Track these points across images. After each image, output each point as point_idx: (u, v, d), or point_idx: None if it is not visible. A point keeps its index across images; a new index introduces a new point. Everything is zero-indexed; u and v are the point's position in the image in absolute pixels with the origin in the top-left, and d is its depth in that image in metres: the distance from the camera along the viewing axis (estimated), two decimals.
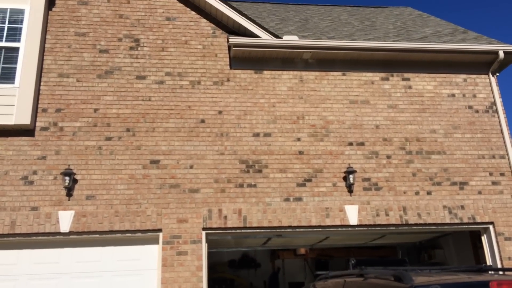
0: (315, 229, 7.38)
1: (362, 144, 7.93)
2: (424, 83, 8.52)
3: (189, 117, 7.69)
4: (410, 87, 8.46)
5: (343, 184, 7.62)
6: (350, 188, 7.57)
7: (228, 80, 8.05)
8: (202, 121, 7.70)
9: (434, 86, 8.53)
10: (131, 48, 7.96)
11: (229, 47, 8.17)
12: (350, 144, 7.90)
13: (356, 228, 7.43)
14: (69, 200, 6.86)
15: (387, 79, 8.46)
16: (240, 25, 8.22)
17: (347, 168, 7.58)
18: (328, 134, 7.93)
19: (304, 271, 13.16)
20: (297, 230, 7.35)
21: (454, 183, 7.87)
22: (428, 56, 8.50)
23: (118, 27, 8.06)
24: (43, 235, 6.65)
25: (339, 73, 8.40)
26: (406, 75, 8.53)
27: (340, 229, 7.40)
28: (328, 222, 7.33)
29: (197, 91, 7.89)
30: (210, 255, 7.75)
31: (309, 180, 7.57)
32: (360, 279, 3.98)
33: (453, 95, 8.51)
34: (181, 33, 8.24)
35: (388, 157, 7.91)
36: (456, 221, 7.62)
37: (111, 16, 8.11)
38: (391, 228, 7.58)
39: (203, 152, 7.52)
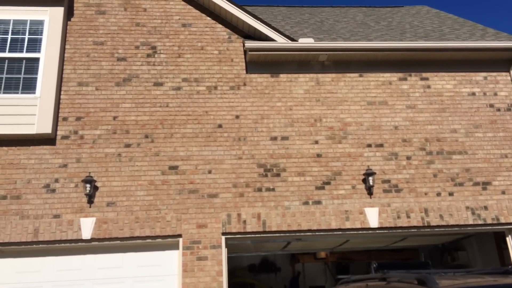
0: (335, 232, 7.31)
1: (381, 145, 7.84)
2: (443, 82, 8.39)
3: (207, 122, 7.72)
4: (429, 86, 8.34)
5: (362, 186, 7.53)
6: (369, 191, 7.49)
7: (245, 85, 8.06)
8: (220, 126, 7.72)
9: (453, 85, 8.39)
10: (148, 56, 8.04)
11: (245, 52, 8.19)
12: (369, 145, 7.82)
13: (377, 231, 7.34)
14: (90, 207, 6.95)
15: (405, 79, 8.36)
16: (255, 29, 8.24)
17: (366, 170, 7.50)
18: (346, 136, 7.87)
19: (325, 275, 13.04)
20: (316, 233, 7.29)
21: (476, 183, 7.72)
22: (446, 54, 8.37)
23: (135, 35, 8.16)
24: (66, 242, 6.75)
25: (356, 74, 8.33)
26: (424, 74, 8.41)
27: (360, 232, 7.32)
28: (348, 225, 7.25)
29: (214, 96, 7.92)
30: (229, 259, 7.74)
31: (328, 183, 7.52)
32: (383, 283, 3.92)
33: (473, 93, 8.35)
34: (197, 39, 8.30)
35: (408, 158, 7.80)
36: (480, 222, 7.46)
37: (128, 25, 8.22)
38: (413, 230, 7.46)
39: (221, 157, 7.53)
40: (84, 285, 6.71)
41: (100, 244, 6.85)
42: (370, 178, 7.39)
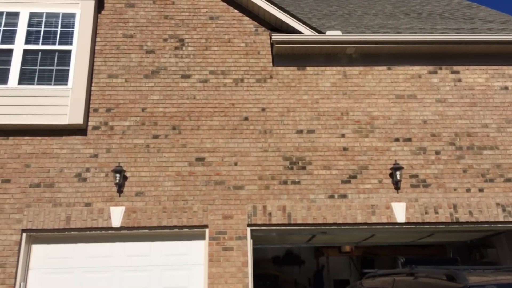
0: (360, 227, 7.28)
1: (409, 140, 7.73)
2: (474, 76, 8.19)
3: (233, 115, 7.77)
4: (459, 80, 8.15)
5: (389, 181, 7.46)
6: (397, 185, 7.41)
7: (271, 77, 8.06)
8: (246, 118, 7.76)
9: (485, 78, 8.18)
10: (176, 48, 8.13)
11: (272, 44, 8.18)
12: (397, 140, 7.72)
13: (404, 226, 7.26)
14: (119, 196, 7.12)
15: (435, 72, 8.20)
16: (282, 21, 8.21)
17: (394, 164, 7.42)
18: (373, 130, 7.79)
19: (349, 269, 13.00)
20: (342, 227, 7.27)
21: (508, 180, 7.53)
22: (478, 48, 8.16)
23: (164, 27, 8.26)
24: (96, 230, 6.94)
25: (384, 67, 8.22)
26: (455, 68, 8.23)
27: (386, 226, 7.26)
28: (374, 219, 7.21)
29: (240, 88, 7.96)
30: (254, 251, 7.80)
31: (354, 177, 7.47)
32: (410, 278, 3.89)
33: (506, 87, 8.12)
34: (224, 31, 8.33)
35: (437, 153, 7.67)
36: (511, 219, 7.29)
37: (157, 17, 8.32)
38: (441, 226, 7.35)
39: (247, 149, 7.58)
40: (113, 272, 6.90)
41: (129, 233, 7.02)
42: (398, 173, 7.31)
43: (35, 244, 6.98)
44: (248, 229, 7.12)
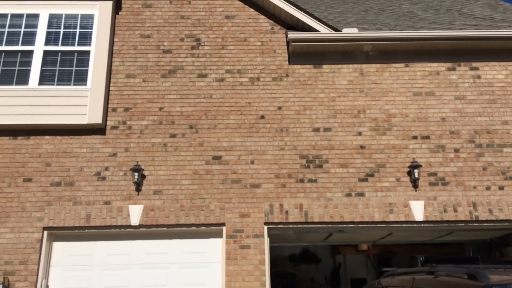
0: (378, 225, 7.24)
1: (427, 137, 7.65)
2: (494, 72, 8.06)
3: (249, 113, 7.79)
4: (479, 77, 8.03)
5: (407, 179, 7.40)
6: (415, 183, 7.34)
7: (287, 76, 8.06)
8: (262, 117, 7.78)
9: (505, 75, 8.04)
10: (193, 48, 8.18)
11: (288, 43, 8.17)
12: (415, 137, 7.65)
13: (422, 225, 7.20)
14: (138, 194, 7.21)
15: (454, 69, 8.09)
16: (298, 20, 8.20)
17: (412, 162, 7.35)
18: (391, 127, 7.73)
19: (366, 268, 12.93)
20: (359, 225, 7.24)
21: None
22: (498, 43, 8.02)
23: (180, 27, 8.32)
24: (115, 228, 7.04)
25: (402, 64, 8.15)
26: (474, 64, 8.11)
27: (404, 225, 7.20)
28: (392, 218, 7.16)
29: (256, 87, 7.97)
30: (270, 249, 7.83)
31: (372, 175, 7.43)
32: (431, 277, 3.86)
33: None
34: (240, 30, 8.36)
35: (456, 150, 7.57)
36: None
37: (173, 17, 8.38)
38: (460, 224, 7.26)
39: (264, 147, 7.59)
40: (132, 269, 7.00)
41: (147, 231, 7.10)
42: (416, 171, 7.24)
43: (56, 242, 7.11)
44: (265, 227, 7.13)
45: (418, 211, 7.17)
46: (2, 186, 7.13)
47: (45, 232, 6.95)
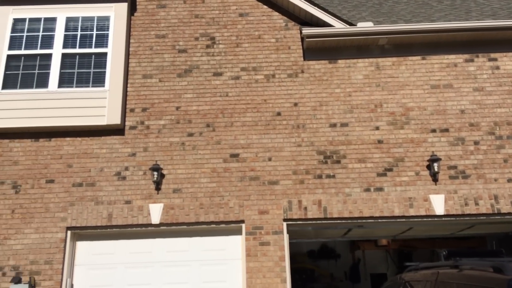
0: (398, 220, 7.19)
1: (446, 130, 7.57)
2: None
3: (265, 111, 7.81)
4: (497, 67, 7.91)
5: (426, 172, 7.33)
6: (434, 177, 7.27)
7: (302, 72, 8.05)
8: (278, 113, 7.79)
9: None
10: (208, 46, 8.23)
11: (302, 39, 8.16)
12: (433, 131, 7.58)
13: (443, 219, 7.13)
14: (157, 193, 7.30)
15: (472, 60, 7.98)
16: (312, 15, 8.17)
17: (431, 156, 7.28)
18: (409, 121, 7.67)
19: (386, 263, 12.86)
20: (379, 220, 7.21)
21: None
22: None
23: (195, 26, 8.37)
24: (137, 227, 7.14)
25: (418, 57, 8.06)
26: (492, 55, 7.99)
27: (425, 219, 7.15)
28: (412, 212, 7.11)
29: (272, 84, 7.98)
30: (289, 245, 7.84)
31: (390, 170, 7.38)
32: (455, 271, 3.83)
33: None
34: (254, 28, 8.37)
35: (476, 143, 7.48)
36: None
37: (188, 17, 8.43)
38: (481, 218, 7.18)
39: (281, 144, 7.61)
40: (154, 267, 7.09)
41: (168, 229, 7.19)
42: (435, 164, 7.17)
43: (79, 241, 7.24)
44: (284, 223, 7.15)
45: (438, 205, 7.10)
46: (26, 188, 7.29)
47: (69, 232, 7.09)
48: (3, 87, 7.72)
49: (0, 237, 7.01)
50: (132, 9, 8.47)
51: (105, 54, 7.98)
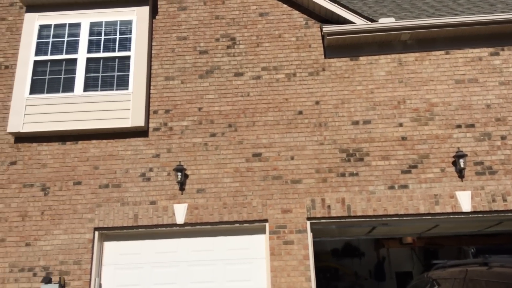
0: (423, 217, 7.10)
1: (472, 125, 7.43)
2: None
3: (287, 110, 7.82)
4: None
5: (452, 169, 7.21)
6: (460, 173, 7.15)
7: (324, 70, 8.02)
8: (300, 112, 7.78)
9: None
10: (228, 47, 8.28)
11: (323, 37, 8.13)
12: (458, 126, 7.45)
13: (470, 215, 7.01)
14: (182, 194, 7.39)
15: (497, 54, 7.80)
16: (332, 12, 8.13)
17: (457, 152, 7.16)
18: (433, 117, 7.55)
19: (411, 261, 12.70)
20: (404, 218, 7.14)
21: None
22: None
23: (215, 27, 8.43)
24: (162, 227, 7.25)
25: (442, 52, 7.94)
26: None
27: (451, 216, 7.04)
28: (437, 209, 7.01)
29: (293, 83, 7.98)
30: (313, 244, 7.83)
31: (415, 167, 7.29)
32: (484, 268, 3.77)
33: None
34: (274, 27, 8.38)
35: (503, 138, 7.32)
36: None
37: (208, 18, 8.50)
38: (510, 214, 7.02)
39: (303, 143, 7.60)
40: (179, 266, 7.19)
41: (192, 228, 7.27)
42: (461, 161, 7.05)
43: (106, 242, 7.40)
44: (308, 222, 7.15)
45: (465, 201, 6.98)
46: (54, 190, 7.48)
47: (96, 233, 7.24)
48: (31, 92, 7.93)
49: (31, 238, 7.22)
50: (153, 12, 8.59)
51: (128, 57, 8.11)
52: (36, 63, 8.14)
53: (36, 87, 7.99)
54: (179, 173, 7.30)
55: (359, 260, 12.92)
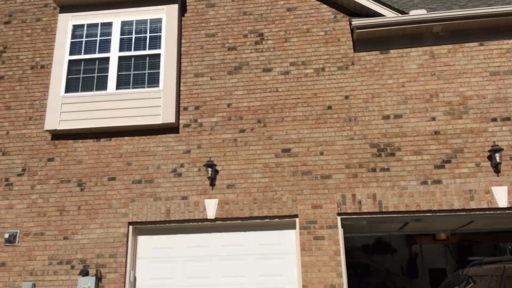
0: (458, 213, 6.95)
1: (508, 119, 7.21)
2: None
3: (316, 105, 7.78)
4: None
5: (487, 164, 7.02)
6: (496, 168, 6.95)
7: (353, 64, 7.93)
8: (329, 107, 7.73)
9: None
10: (256, 43, 8.30)
11: (352, 30, 8.04)
12: (494, 120, 7.23)
13: (507, 211, 6.81)
14: (212, 189, 7.48)
15: None
16: (362, 5, 8.03)
17: (492, 146, 6.96)
18: (467, 110, 7.36)
19: (445, 257, 12.44)
20: (437, 214, 7.00)
21: None
22: None
23: (243, 24, 8.46)
24: (193, 222, 7.37)
25: (476, 43, 7.72)
26: None
27: (487, 212, 6.86)
28: (472, 205, 6.84)
29: (322, 78, 7.93)
30: (344, 240, 7.78)
31: (448, 161, 7.14)
32: None
33: None
34: (302, 22, 8.34)
35: None
36: None
37: (236, 14, 8.54)
38: None
39: (332, 138, 7.55)
40: (211, 261, 7.29)
41: (223, 223, 7.36)
42: (497, 155, 6.86)
43: (140, 236, 7.58)
44: (338, 218, 7.11)
45: (501, 197, 6.79)
46: (90, 185, 7.70)
47: (130, 227, 7.42)
48: (66, 91, 8.18)
49: (68, 232, 7.47)
50: (182, 10, 8.69)
51: (158, 55, 8.25)
52: (70, 62, 8.38)
53: (71, 86, 8.23)
54: (209, 169, 7.39)
55: (390, 256, 12.76)
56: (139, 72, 8.22)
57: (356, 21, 7.80)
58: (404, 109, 7.54)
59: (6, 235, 7.50)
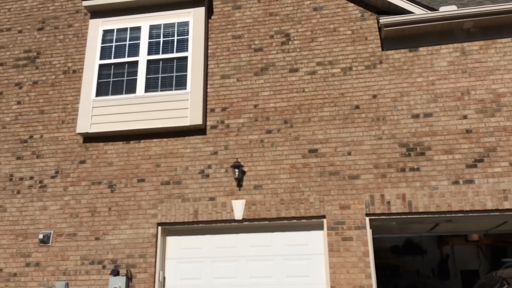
0: (491, 214, 6.76)
1: None
2: None
3: (343, 104, 7.71)
4: None
5: None
6: None
7: (381, 63, 7.82)
8: (357, 107, 7.65)
9: None
10: (283, 43, 8.29)
11: (380, 28, 7.93)
12: None
13: None
14: (239, 190, 7.52)
15: None
16: (390, 3, 7.91)
17: None
18: (500, 108, 7.15)
19: (478, 259, 12.11)
20: (469, 214, 6.83)
21: None
22: None
23: (269, 24, 8.47)
24: (221, 222, 7.42)
25: (509, 39, 7.49)
26: None
27: None
28: (507, 205, 6.64)
29: (349, 77, 7.86)
30: (372, 241, 7.68)
31: (481, 161, 6.95)
32: None
33: None
34: (329, 21, 8.28)
35: None
36: None
37: (262, 16, 8.56)
38: None
39: (360, 138, 7.47)
40: (239, 261, 7.33)
41: (250, 224, 7.39)
42: None
43: (169, 236, 7.69)
44: (367, 218, 7.03)
45: None
46: (120, 187, 7.87)
47: (159, 228, 7.54)
48: (97, 95, 8.39)
49: (100, 233, 7.65)
50: (209, 13, 8.77)
51: (185, 58, 8.35)
52: (101, 66, 8.58)
53: (101, 90, 8.43)
54: (236, 170, 7.43)
55: (421, 257, 12.52)
56: (167, 75, 8.34)
57: (384, 19, 7.69)
58: (434, 107, 7.39)
59: (41, 236, 7.74)
